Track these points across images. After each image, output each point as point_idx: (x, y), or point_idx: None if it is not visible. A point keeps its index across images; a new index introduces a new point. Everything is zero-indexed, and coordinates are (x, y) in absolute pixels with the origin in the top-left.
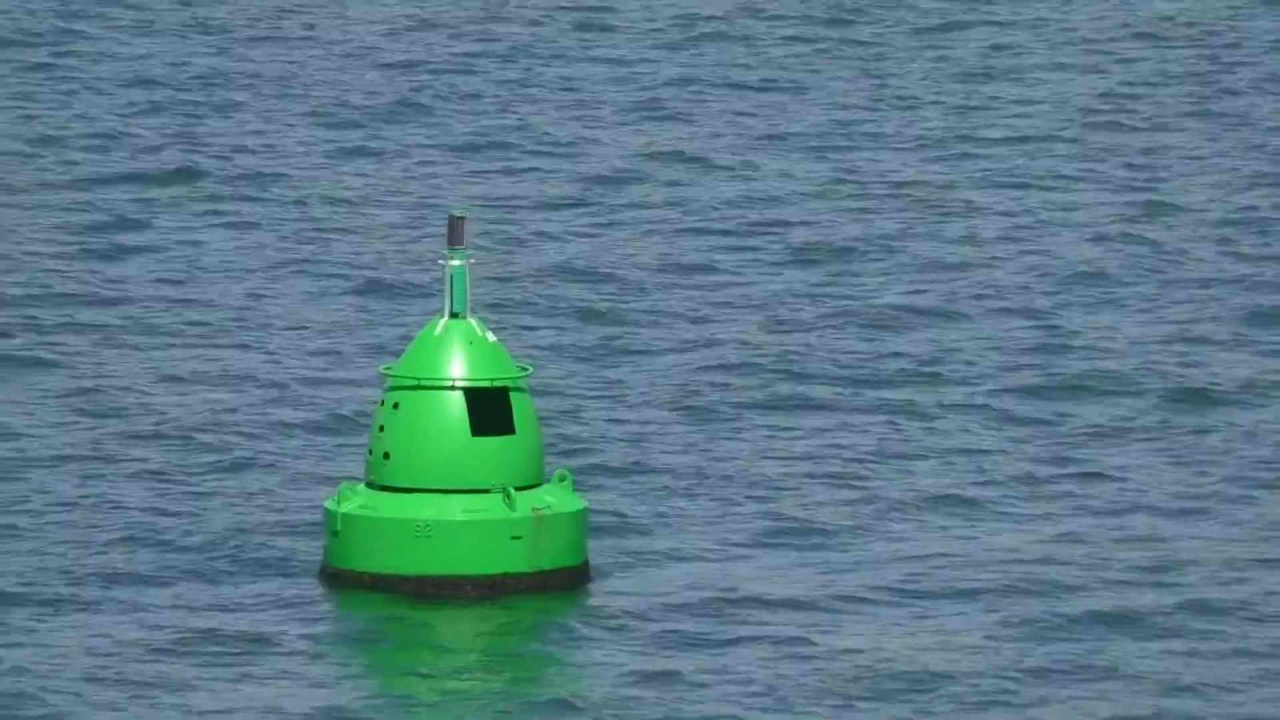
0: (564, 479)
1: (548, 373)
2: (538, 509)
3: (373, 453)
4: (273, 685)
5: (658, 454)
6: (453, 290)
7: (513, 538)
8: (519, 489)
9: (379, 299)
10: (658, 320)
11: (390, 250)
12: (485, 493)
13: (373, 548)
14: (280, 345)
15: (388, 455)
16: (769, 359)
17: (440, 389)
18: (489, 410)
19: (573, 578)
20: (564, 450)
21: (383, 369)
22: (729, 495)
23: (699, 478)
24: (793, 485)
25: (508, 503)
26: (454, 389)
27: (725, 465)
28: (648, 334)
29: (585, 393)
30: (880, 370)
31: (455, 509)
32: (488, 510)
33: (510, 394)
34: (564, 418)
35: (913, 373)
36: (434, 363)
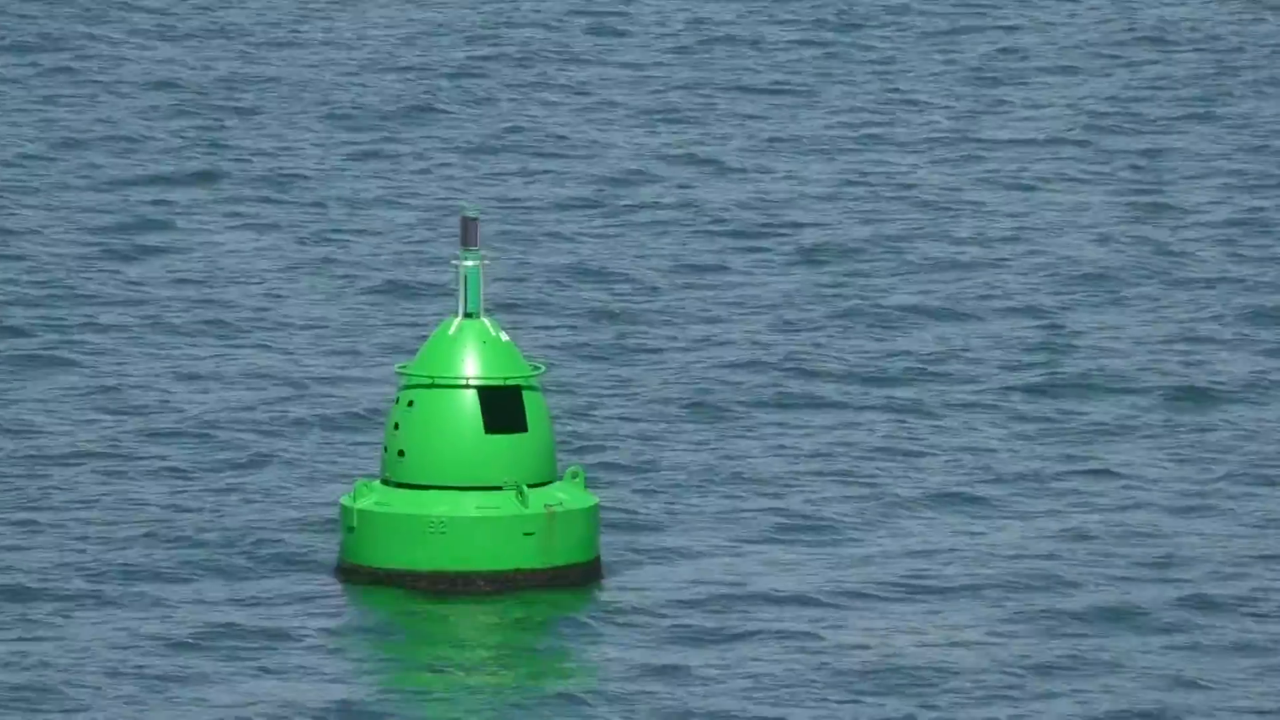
0: (576, 476)
1: (560, 371)
2: (550, 506)
3: (388, 450)
4: (290, 679)
5: (669, 451)
6: (467, 290)
7: (525, 534)
8: (531, 486)
9: (395, 299)
10: (669, 320)
11: (406, 251)
12: (498, 489)
13: (388, 544)
14: (298, 344)
15: (403, 452)
16: (779, 358)
17: (454, 387)
18: (502, 408)
19: (584, 573)
20: (576, 448)
21: (398, 368)
22: (739, 492)
23: (709, 475)
24: (802, 482)
25: (520, 499)
26: (468, 387)
27: (735, 463)
28: (659, 333)
29: (597, 391)
30: (888, 369)
31: (469, 505)
32: (501, 507)
33: (523, 392)
34: (576, 416)
35: (920, 371)
36: (448, 362)
